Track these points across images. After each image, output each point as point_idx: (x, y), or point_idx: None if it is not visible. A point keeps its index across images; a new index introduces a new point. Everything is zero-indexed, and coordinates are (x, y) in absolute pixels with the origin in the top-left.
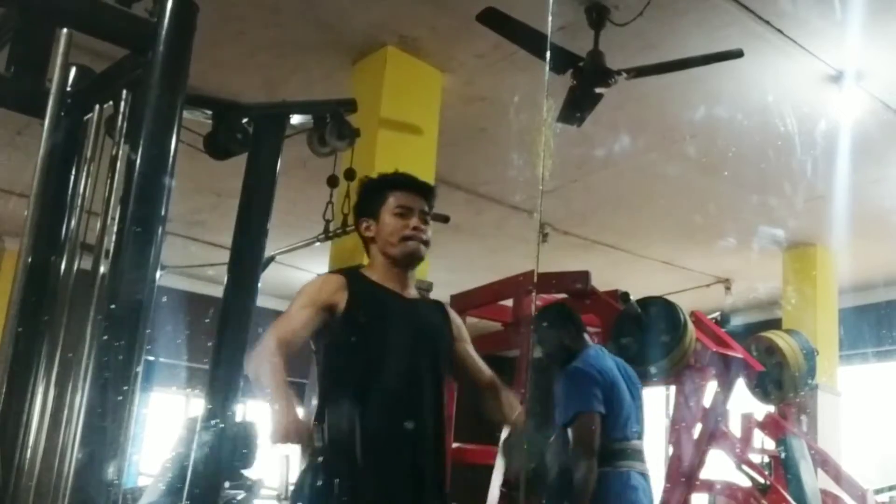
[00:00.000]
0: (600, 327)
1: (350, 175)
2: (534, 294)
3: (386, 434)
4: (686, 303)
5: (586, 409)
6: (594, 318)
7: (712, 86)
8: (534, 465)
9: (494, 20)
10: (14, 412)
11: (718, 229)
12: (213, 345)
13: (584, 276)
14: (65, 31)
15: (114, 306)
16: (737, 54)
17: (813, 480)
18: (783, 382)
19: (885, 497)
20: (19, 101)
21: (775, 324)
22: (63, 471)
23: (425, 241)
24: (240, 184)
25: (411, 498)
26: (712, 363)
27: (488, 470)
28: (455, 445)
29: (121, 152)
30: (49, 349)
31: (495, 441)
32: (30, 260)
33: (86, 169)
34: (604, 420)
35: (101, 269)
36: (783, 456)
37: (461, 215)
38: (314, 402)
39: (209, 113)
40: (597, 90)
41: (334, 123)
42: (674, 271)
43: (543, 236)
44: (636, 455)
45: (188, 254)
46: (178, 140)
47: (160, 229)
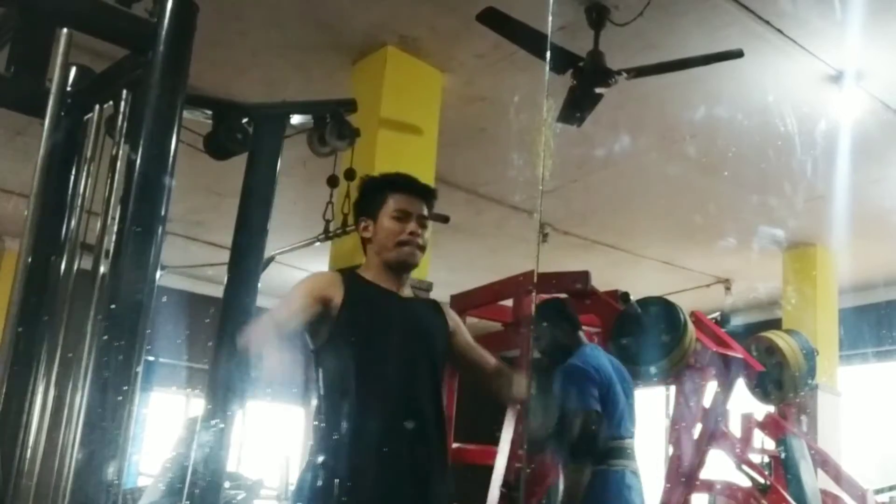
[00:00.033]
0: (600, 327)
1: (350, 175)
2: (534, 294)
3: (385, 433)
4: (686, 303)
5: (582, 408)
6: (594, 318)
7: (712, 86)
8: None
9: (494, 20)
10: (14, 412)
11: (718, 229)
12: (213, 345)
13: (584, 276)
14: (65, 31)
15: (114, 306)
16: (737, 54)
17: (813, 480)
18: (783, 382)
19: (885, 497)
20: (19, 101)
21: (775, 324)
22: (63, 471)
23: (421, 247)
24: (240, 184)
25: (412, 497)
26: (712, 363)
27: (488, 470)
28: (455, 445)
29: (121, 152)
30: (49, 349)
31: (495, 441)
32: (30, 260)
33: (86, 169)
34: (598, 418)
35: (101, 269)
36: (783, 456)
37: (461, 215)
38: (314, 403)
39: (209, 113)
40: (597, 90)
41: (334, 123)
42: (674, 271)
43: (543, 236)
44: (629, 454)
45: (188, 254)
46: (178, 140)
47: (160, 229)
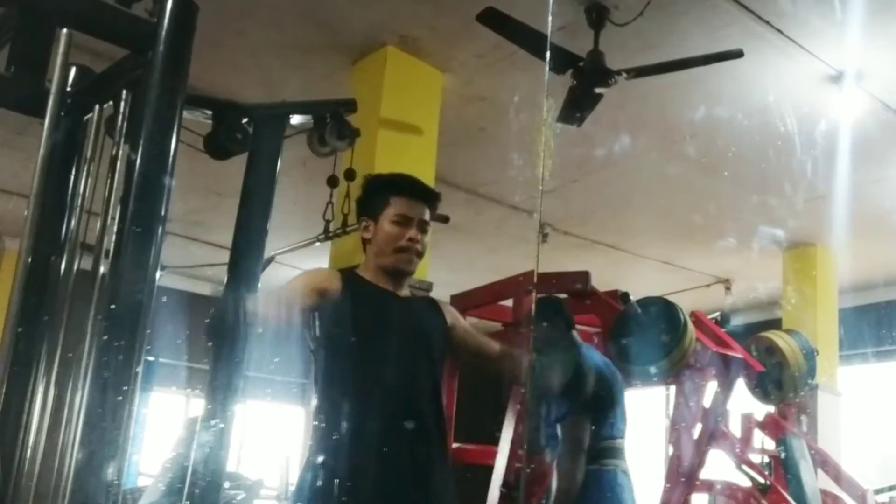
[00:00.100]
0: (600, 327)
1: (350, 175)
2: (534, 294)
3: (384, 433)
4: (686, 303)
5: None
6: (594, 318)
7: (712, 86)
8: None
9: (494, 20)
10: (14, 412)
11: (718, 229)
12: (213, 345)
13: (584, 276)
14: (65, 31)
15: (114, 306)
16: (737, 54)
17: (813, 480)
18: (783, 382)
19: (885, 497)
20: (19, 101)
21: (775, 324)
22: (63, 471)
23: (419, 253)
24: (240, 184)
25: (412, 498)
26: (712, 363)
27: (488, 470)
28: (455, 445)
29: (121, 152)
30: (49, 349)
31: (495, 441)
32: (30, 260)
33: (86, 169)
34: (593, 418)
35: (101, 269)
36: (783, 456)
37: (461, 215)
38: (314, 402)
39: (209, 113)
40: (597, 90)
41: (334, 123)
42: (674, 271)
43: (543, 236)
44: (620, 453)
45: (188, 254)
46: (178, 140)
47: (160, 229)
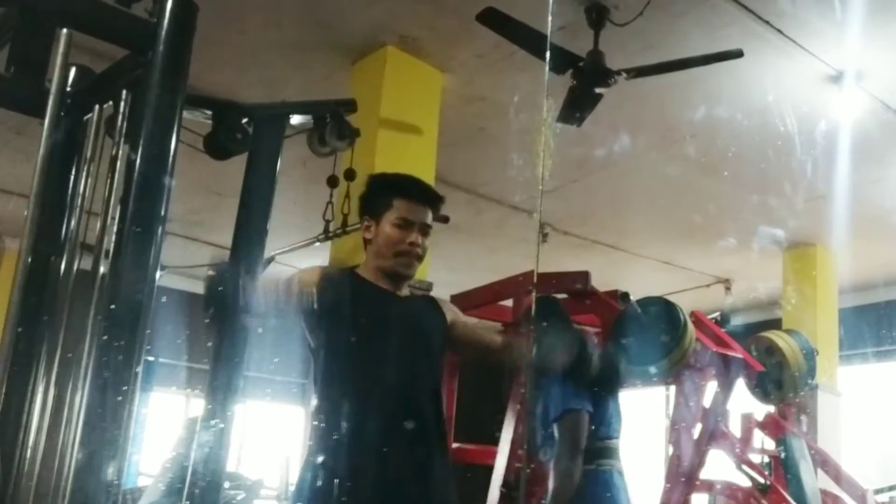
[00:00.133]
0: (600, 327)
1: (350, 175)
2: (534, 294)
3: (384, 433)
4: (686, 303)
5: (577, 407)
6: (594, 318)
7: (712, 86)
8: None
9: (494, 20)
10: (14, 412)
11: (718, 229)
12: (213, 345)
13: (584, 276)
14: (65, 31)
15: (114, 306)
16: (737, 54)
17: (813, 480)
18: (783, 382)
19: (885, 497)
20: (19, 101)
21: (775, 324)
22: (63, 471)
23: (420, 257)
24: (240, 184)
25: (412, 497)
26: (712, 363)
27: (488, 470)
28: (455, 445)
29: (121, 152)
30: (49, 349)
31: (495, 441)
32: (30, 260)
33: (86, 169)
34: (590, 418)
35: (101, 269)
36: (783, 456)
37: (461, 215)
38: (314, 402)
39: (209, 113)
40: (597, 90)
41: (334, 123)
42: (674, 271)
43: (543, 236)
44: (616, 454)
45: (188, 254)
46: (178, 140)
47: (160, 229)
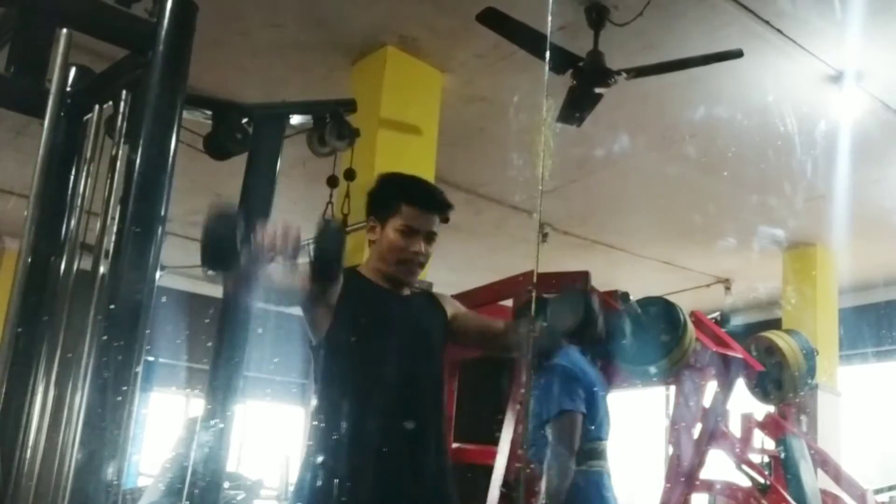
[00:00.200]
0: None
1: (350, 175)
2: (533, 294)
3: (384, 433)
4: (686, 303)
5: (571, 408)
6: None
7: (712, 86)
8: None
9: (494, 20)
10: (14, 412)
11: (718, 229)
12: (213, 345)
13: (584, 276)
14: (65, 31)
15: (114, 306)
16: (737, 54)
17: (813, 480)
18: (783, 382)
19: (885, 497)
20: (19, 101)
21: (775, 324)
22: (63, 471)
23: (422, 264)
24: (240, 184)
25: (412, 497)
26: (712, 363)
27: (488, 470)
28: (455, 445)
29: (121, 152)
30: (49, 349)
31: (495, 441)
32: (30, 260)
33: (86, 169)
34: (583, 420)
35: (101, 269)
36: (783, 456)
37: (461, 215)
38: (313, 402)
39: (209, 113)
40: (596, 90)
41: (334, 123)
42: (674, 271)
43: (543, 236)
44: (605, 455)
45: (188, 254)
46: (177, 140)
47: (160, 229)
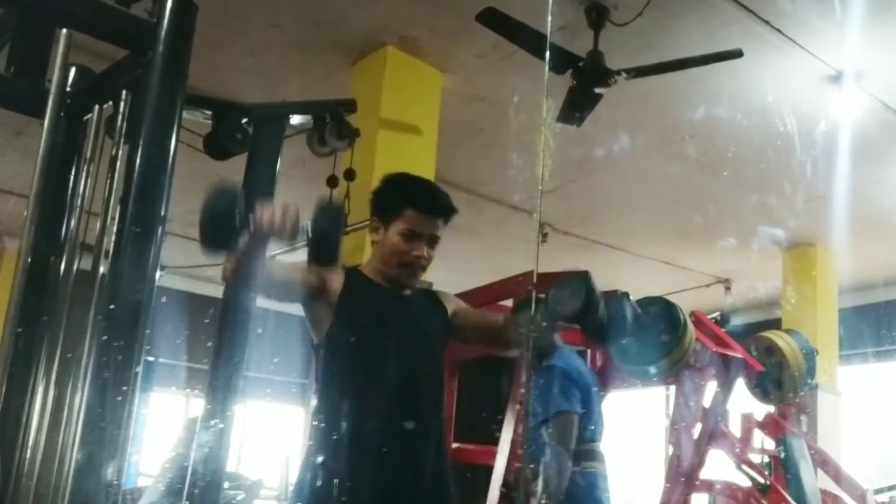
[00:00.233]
0: None
1: (350, 175)
2: (533, 294)
3: (384, 433)
4: (686, 303)
5: (568, 409)
6: None
7: (712, 86)
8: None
9: (494, 20)
10: (14, 412)
11: (718, 229)
12: (213, 345)
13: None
14: (64, 31)
15: (114, 306)
16: (736, 54)
17: (813, 480)
18: (783, 382)
19: (885, 497)
20: (19, 101)
21: (775, 324)
22: (63, 471)
23: (424, 267)
24: (240, 184)
25: (412, 498)
26: (712, 363)
27: (488, 470)
28: (455, 445)
29: (120, 152)
30: (49, 349)
31: (495, 441)
32: (30, 259)
33: (86, 169)
34: (579, 421)
35: (101, 269)
36: (783, 456)
37: (461, 215)
38: (314, 402)
39: (209, 113)
40: (596, 90)
41: (334, 123)
42: (674, 271)
43: (543, 236)
44: (598, 456)
45: (188, 254)
46: (177, 140)
47: (160, 229)
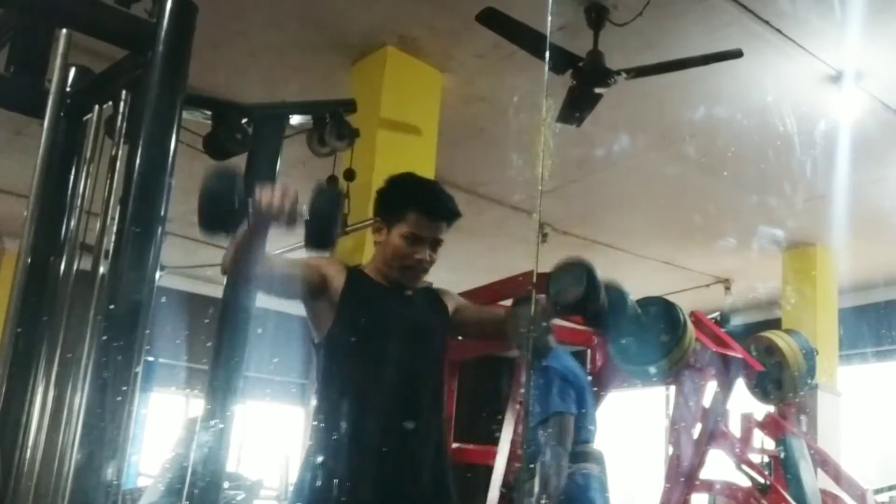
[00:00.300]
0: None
1: (350, 175)
2: (533, 294)
3: (384, 433)
4: (686, 303)
5: (563, 410)
6: None
7: (712, 86)
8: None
9: (494, 20)
10: (14, 412)
11: (718, 229)
12: (213, 345)
13: None
14: (64, 31)
15: (113, 306)
16: (736, 54)
17: (813, 480)
18: (783, 382)
19: (885, 497)
20: (19, 101)
21: (775, 324)
22: (63, 471)
23: (426, 270)
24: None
25: (412, 498)
26: (712, 363)
27: (488, 470)
28: (455, 445)
29: (120, 152)
30: (49, 349)
31: (495, 441)
32: (30, 260)
33: (85, 169)
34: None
35: (101, 270)
36: (783, 456)
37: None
38: (314, 402)
39: (209, 113)
40: (596, 90)
41: (334, 124)
42: (674, 271)
43: (543, 236)
44: (592, 457)
45: (188, 254)
46: (177, 140)
47: (160, 229)
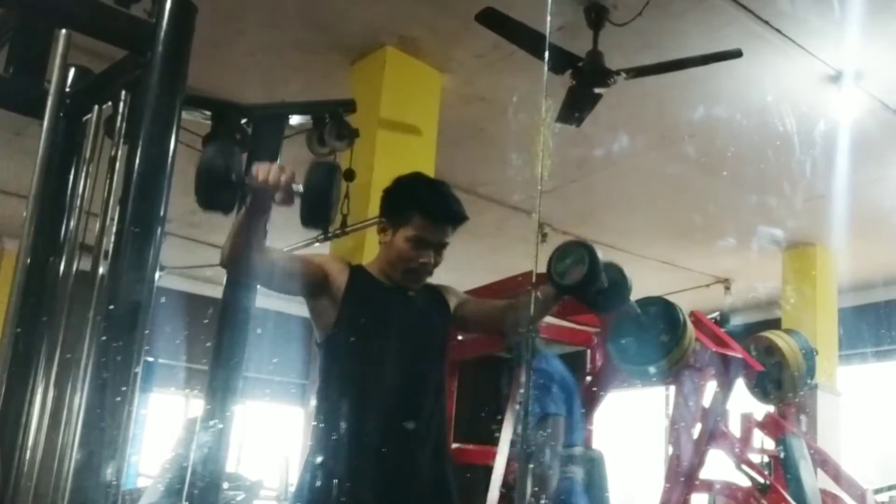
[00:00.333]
0: (599, 327)
1: (349, 175)
2: (532, 294)
3: (385, 433)
4: (686, 303)
5: (555, 412)
6: (593, 318)
7: (712, 86)
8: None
9: (493, 20)
10: (14, 412)
11: (718, 229)
12: (212, 345)
13: None
14: (64, 31)
15: (113, 307)
16: (736, 54)
17: (813, 480)
18: (783, 382)
19: (885, 497)
20: (18, 101)
21: (775, 324)
22: (63, 471)
23: (430, 272)
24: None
25: (412, 498)
26: (712, 363)
27: (488, 470)
28: (455, 445)
29: (120, 153)
30: (49, 349)
31: (495, 441)
32: (29, 260)
33: (85, 169)
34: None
35: (101, 270)
36: (783, 456)
37: None
38: (313, 403)
39: (208, 113)
40: (596, 90)
41: (333, 124)
42: (674, 271)
43: (543, 236)
44: (578, 461)
45: (188, 254)
46: (177, 140)
47: (159, 229)
